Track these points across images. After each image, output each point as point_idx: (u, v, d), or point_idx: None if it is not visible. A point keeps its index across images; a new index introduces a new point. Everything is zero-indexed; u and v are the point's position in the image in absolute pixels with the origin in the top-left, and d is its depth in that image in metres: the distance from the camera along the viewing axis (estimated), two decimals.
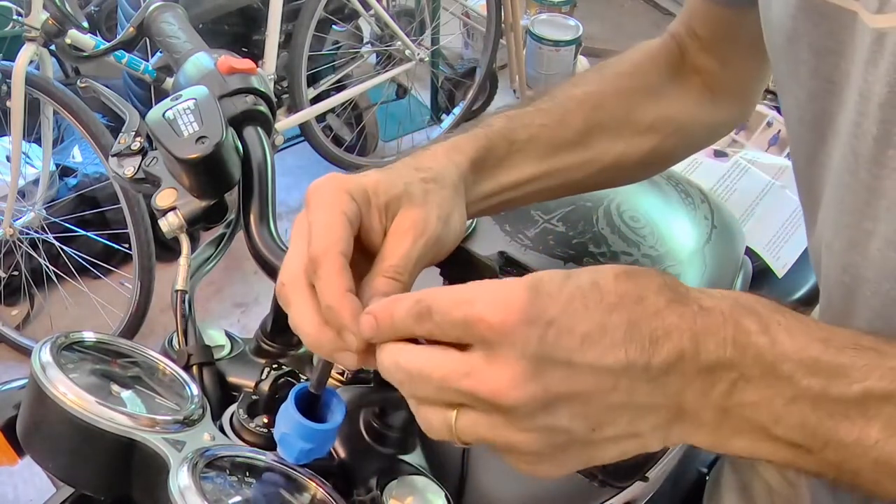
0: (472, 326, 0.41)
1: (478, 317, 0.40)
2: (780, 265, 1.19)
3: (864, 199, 0.49)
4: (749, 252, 1.10)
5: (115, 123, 2.08)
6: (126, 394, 0.58)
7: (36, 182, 2.18)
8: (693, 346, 0.41)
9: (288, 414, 0.51)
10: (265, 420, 0.59)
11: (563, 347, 0.40)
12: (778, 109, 1.57)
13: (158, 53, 0.86)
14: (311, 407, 0.52)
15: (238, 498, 0.52)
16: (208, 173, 0.65)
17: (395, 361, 0.43)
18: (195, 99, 0.66)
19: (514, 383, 0.40)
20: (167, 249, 2.10)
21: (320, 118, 2.59)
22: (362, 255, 0.52)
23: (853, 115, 0.49)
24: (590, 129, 0.68)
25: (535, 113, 0.67)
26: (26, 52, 1.89)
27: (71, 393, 0.53)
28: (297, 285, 0.50)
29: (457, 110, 2.91)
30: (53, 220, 2.18)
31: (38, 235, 2.16)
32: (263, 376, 0.60)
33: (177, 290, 0.66)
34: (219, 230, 0.72)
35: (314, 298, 0.49)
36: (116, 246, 2.21)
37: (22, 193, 2.15)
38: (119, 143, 0.69)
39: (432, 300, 0.42)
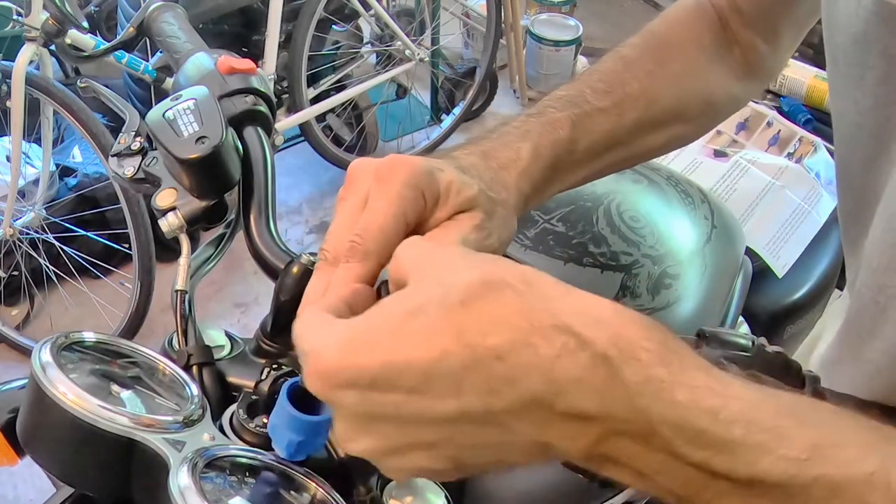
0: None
1: (308, 382, 0.40)
2: (780, 265, 1.19)
3: None
4: (749, 252, 1.10)
5: (115, 123, 2.08)
6: (126, 394, 0.57)
7: (36, 182, 2.18)
8: (550, 393, 0.36)
9: (280, 406, 0.52)
10: (265, 420, 0.58)
11: (386, 404, 0.38)
12: (778, 110, 1.57)
13: (158, 53, 0.86)
14: (306, 402, 0.52)
15: (238, 498, 0.52)
16: (208, 173, 0.64)
17: None
18: (195, 99, 0.66)
19: (350, 438, 0.41)
20: (167, 249, 2.10)
21: (320, 118, 2.59)
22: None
23: None
24: (641, 126, 0.67)
25: (596, 116, 0.64)
26: (26, 52, 1.89)
27: (71, 393, 0.53)
28: (331, 262, 0.49)
29: (457, 110, 2.90)
30: (53, 220, 2.18)
31: (38, 235, 2.16)
32: (263, 376, 0.60)
33: (177, 290, 0.66)
34: (219, 230, 0.72)
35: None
36: (116, 246, 2.21)
37: (22, 193, 2.15)
38: (119, 143, 0.69)
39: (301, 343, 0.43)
